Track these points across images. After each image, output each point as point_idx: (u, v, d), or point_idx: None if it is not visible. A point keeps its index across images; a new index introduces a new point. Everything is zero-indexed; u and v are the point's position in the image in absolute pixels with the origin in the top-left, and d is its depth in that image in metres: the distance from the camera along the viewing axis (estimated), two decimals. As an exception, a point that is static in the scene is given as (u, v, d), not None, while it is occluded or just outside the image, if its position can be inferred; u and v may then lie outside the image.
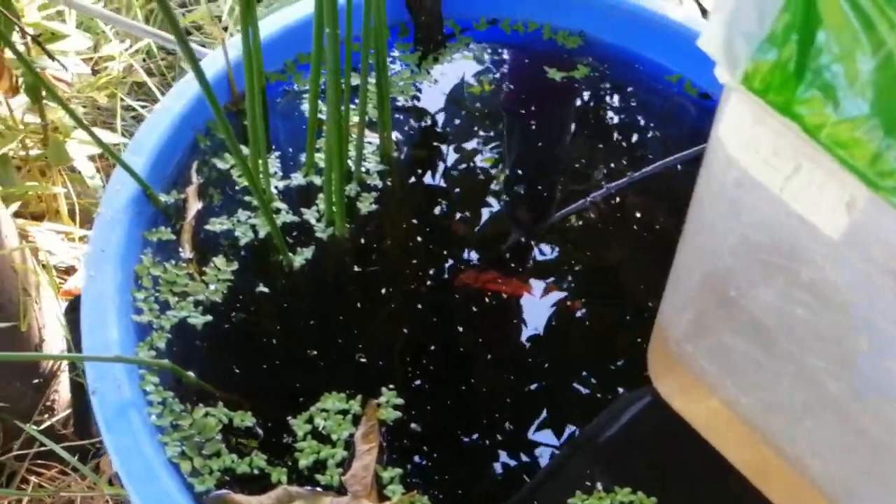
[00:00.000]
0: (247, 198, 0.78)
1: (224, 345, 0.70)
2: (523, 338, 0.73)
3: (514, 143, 0.86)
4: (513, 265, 0.77)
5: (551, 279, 0.76)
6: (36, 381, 1.09)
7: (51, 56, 0.90)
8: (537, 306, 0.75)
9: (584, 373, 0.71)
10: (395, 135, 0.84)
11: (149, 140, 0.75)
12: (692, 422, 0.60)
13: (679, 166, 0.86)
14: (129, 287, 0.69)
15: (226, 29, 1.48)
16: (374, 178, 0.80)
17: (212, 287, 0.72)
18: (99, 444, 1.15)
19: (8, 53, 0.99)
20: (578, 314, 0.74)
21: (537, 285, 0.76)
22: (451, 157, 0.85)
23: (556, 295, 0.75)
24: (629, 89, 0.92)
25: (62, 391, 1.14)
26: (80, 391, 1.15)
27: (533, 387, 0.70)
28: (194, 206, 0.76)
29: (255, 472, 0.63)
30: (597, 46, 0.93)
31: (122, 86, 1.34)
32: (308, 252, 0.75)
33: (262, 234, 0.75)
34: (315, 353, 0.70)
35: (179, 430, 0.64)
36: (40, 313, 1.07)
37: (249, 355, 0.70)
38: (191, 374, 0.66)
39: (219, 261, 0.73)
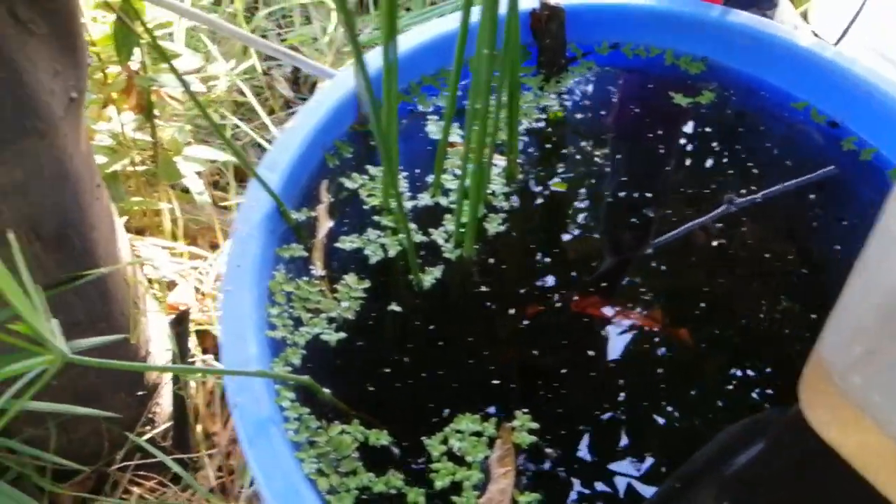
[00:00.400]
0: (375, 217, 0.78)
1: (357, 362, 0.70)
2: (650, 365, 0.72)
3: (636, 167, 0.85)
4: (632, 291, 0.77)
5: (663, 305, 0.75)
6: (140, 393, 1.10)
7: (179, 76, 0.92)
8: (658, 336, 0.74)
9: (717, 402, 0.69)
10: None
11: (282, 158, 0.76)
12: (849, 456, 0.58)
13: (799, 194, 0.84)
14: (263, 303, 0.70)
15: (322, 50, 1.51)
16: (500, 200, 0.80)
17: (344, 304, 0.72)
18: (196, 457, 1.16)
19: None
20: (698, 342, 0.73)
21: (647, 310, 0.75)
22: (574, 180, 0.84)
23: (672, 322, 0.75)
24: (753, 115, 0.90)
25: (163, 404, 1.16)
26: (181, 404, 1.16)
27: (663, 414, 0.69)
28: (325, 224, 0.76)
29: (392, 491, 0.63)
30: (720, 72, 0.92)
31: (224, 104, 1.36)
32: (437, 272, 0.75)
33: (391, 253, 0.76)
34: (447, 373, 0.70)
35: (316, 447, 0.64)
36: (146, 326, 1.09)
37: (383, 373, 0.70)
38: (326, 390, 0.67)
39: (350, 279, 0.74)
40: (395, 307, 0.73)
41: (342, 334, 0.70)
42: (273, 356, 0.68)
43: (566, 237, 0.80)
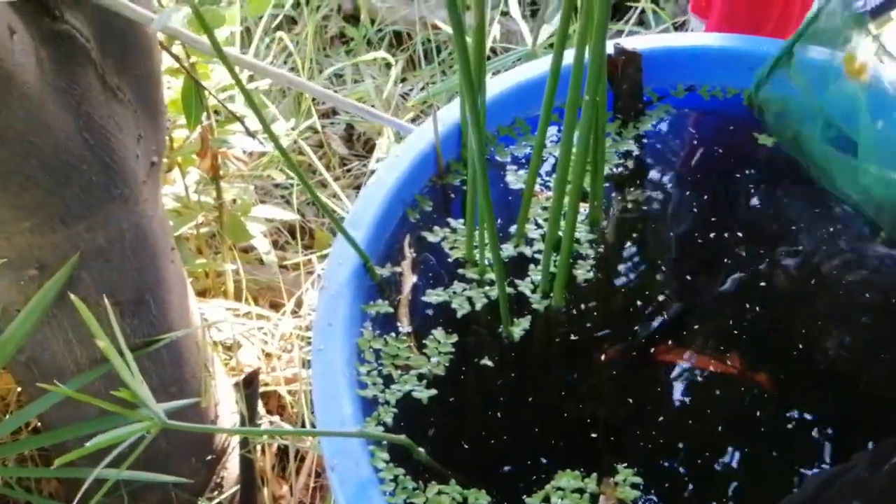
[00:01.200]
0: (460, 270, 0.77)
1: (450, 419, 0.69)
2: (733, 411, 0.70)
3: (719, 208, 0.84)
4: (713, 335, 0.75)
5: (741, 349, 0.74)
6: (209, 458, 1.09)
7: (252, 135, 0.93)
8: (736, 383, 0.72)
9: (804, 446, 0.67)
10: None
11: (365, 214, 0.75)
12: None
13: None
14: (354, 361, 0.69)
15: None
16: (585, 247, 0.79)
17: (433, 360, 0.71)
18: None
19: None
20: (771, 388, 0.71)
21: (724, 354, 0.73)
22: (657, 224, 0.83)
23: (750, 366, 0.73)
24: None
25: (231, 468, 1.14)
26: (249, 468, 1.15)
27: (753, 458, 0.67)
28: (409, 279, 0.75)
29: (499, 555, 0.61)
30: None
31: (282, 163, 1.37)
32: (525, 323, 0.73)
33: (478, 305, 0.74)
34: (542, 427, 0.68)
35: None
36: (215, 389, 1.08)
37: (477, 430, 0.68)
38: (422, 450, 0.65)
39: (438, 333, 0.72)
40: (485, 361, 0.71)
41: (433, 391, 0.69)
42: (365, 415, 0.67)
43: (652, 282, 0.78)
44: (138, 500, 1.03)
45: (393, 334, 0.72)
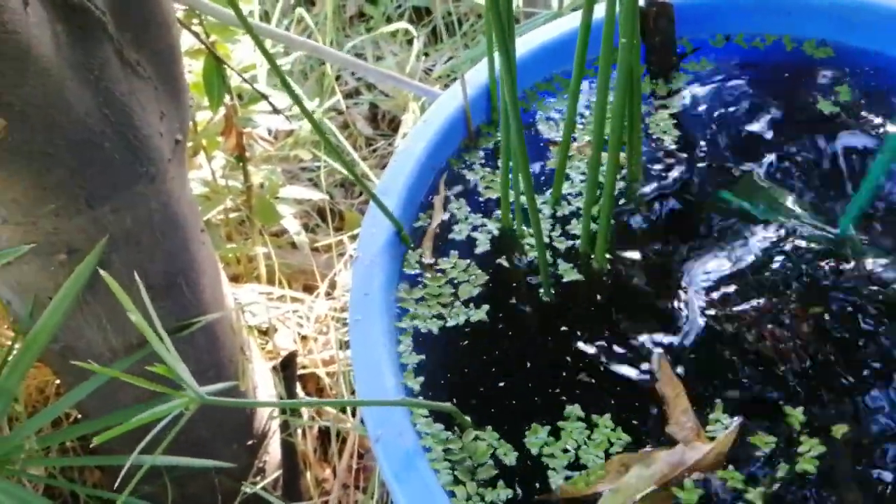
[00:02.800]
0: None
1: (491, 381, 0.66)
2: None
3: (762, 161, 0.81)
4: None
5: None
6: (250, 442, 1.08)
7: (279, 112, 0.91)
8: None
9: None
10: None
11: (396, 182, 0.73)
12: None
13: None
14: (394, 330, 0.67)
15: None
16: (623, 204, 0.76)
17: (472, 316, 0.69)
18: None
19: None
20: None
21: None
22: (694, 181, 0.80)
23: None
24: (884, 94, 0.84)
25: (272, 452, 1.13)
26: (291, 451, 1.14)
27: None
28: (439, 214, 0.74)
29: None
30: (847, 54, 0.86)
31: (309, 144, 1.35)
32: (565, 283, 0.71)
33: (519, 264, 0.72)
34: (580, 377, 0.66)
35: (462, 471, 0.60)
36: (252, 373, 1.06)
37: (516, 390, 0.66)
38: (468, 418, 0.63)
39: (472, 288, 0.71)
40: (521, 324, 0.69)
41: (475, 350, 0.67)
42: (407, 382, 0.65)
43: (693, 243, 0.75)
44: (182, 489, 1.02)
45: (431, 302, 0.70)
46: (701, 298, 0.70)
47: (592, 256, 0.72)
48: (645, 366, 0.66)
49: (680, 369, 0.65)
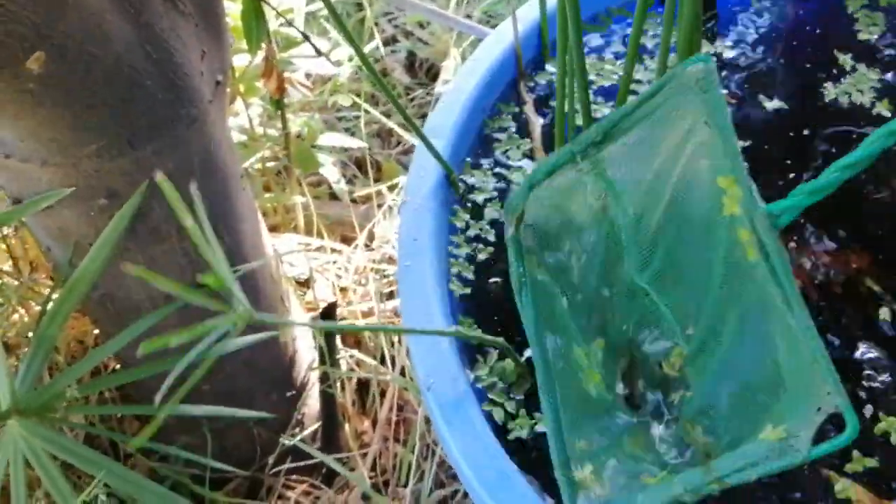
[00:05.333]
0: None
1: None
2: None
3: (819, 100, 0.77)
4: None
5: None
6: (289, 393, 1.07)
7: (322, 54, 0.88)
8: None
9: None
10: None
11: (445, 124, 0.70)
12: None
13: None
14: (445, 276, 0.64)
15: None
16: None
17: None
18: (346, 457, 1.12)
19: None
20: None
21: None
22: (752, 129, 0.76)
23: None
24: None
25: (311, 405, 1.12)
26: (330, 403, 1.13)
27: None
28: (537, 123, 0.72)
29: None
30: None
31: (346, 93, 1.32)
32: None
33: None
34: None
35: (517, 430, 0.58)
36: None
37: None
38: (520, 358, 0.60)
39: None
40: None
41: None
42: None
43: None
44: (221, 440, 1.01)
45: (478, 244, 0.67)
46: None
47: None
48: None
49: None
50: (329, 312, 1.04)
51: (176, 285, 0.38)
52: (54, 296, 0.87)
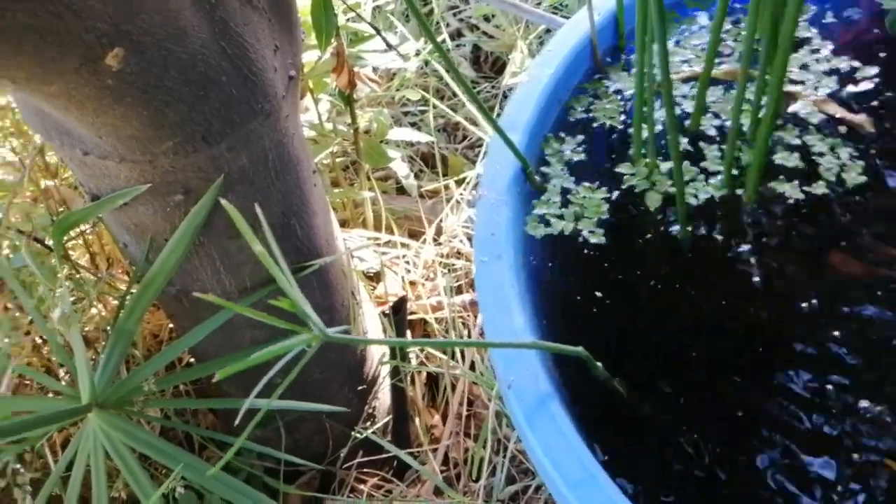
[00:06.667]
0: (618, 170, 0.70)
1: (629, 330, 0.62)
2: None
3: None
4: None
5: None
6: (360, 388, 1.07)
7: (392, 48, 0.87)
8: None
9: None
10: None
11: (521, 116, 0.69)
12: None
13: None
14: (523, 271, 0.63)
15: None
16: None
17: (601, 256, 0.64)
18: (417, 453, 1.12)
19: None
20: None
21: None
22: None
23: None
24: None
25: (382, 399, 1.12)
26: (401, 398, 1.12)
27: None
28: None
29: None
30: None
31: (414, 87, 1.32)
32: (705, 221, 0.66)
33: (650, 203, 0.67)
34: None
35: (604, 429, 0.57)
36: (363, 318, 1.05)
37: (648, 339, 0.62)
38: (599, 364, 0.59)
39: (602, 227, 0.66)
40: (658, 260, 0.64)
41: (612, 299, 0.63)
42: (539, 325, 0.61)
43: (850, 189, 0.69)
44: (293, 432, 1.02)
45: (560, 239, 0.66)
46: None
47: (739, 191, 0.66)
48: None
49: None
50: (399, 307, 1.04)
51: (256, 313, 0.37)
52: (131, 291, 0.88)
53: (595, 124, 0.73)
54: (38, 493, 0.83)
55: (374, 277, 1.21)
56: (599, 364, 0.59)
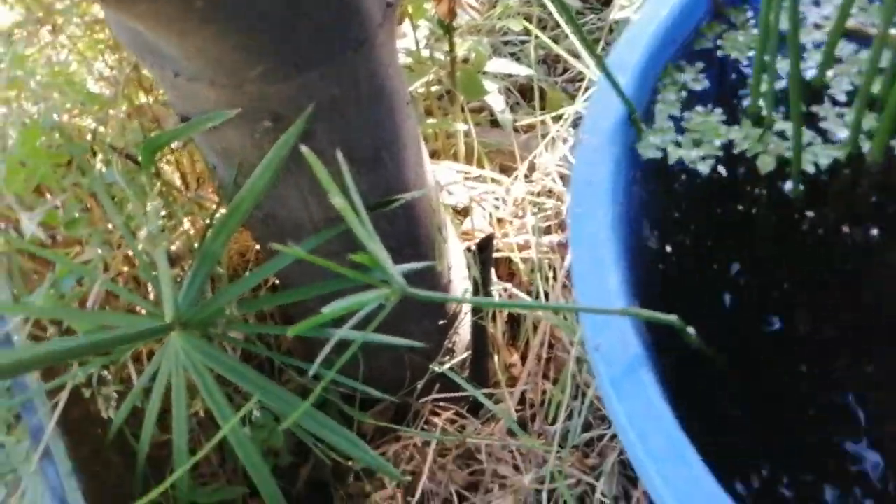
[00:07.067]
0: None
1: (724, 292, 0.58)
2: None
3: None
4: None
5: None
6: (441, 322, 1.06)
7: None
8: None
9: None
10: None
11: (630, 56, 0.64)
12: None
13: None
14: (621, 225, 0.59)
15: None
16: None
17: (710, 214, 0.60)
18: (494, 390, 1.11)
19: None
20: None
21: None
22: None
23: None
24: None
25: (462, 333, 1.11)
26: (481, 334, 1.11)
27: None
28: None
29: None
30: None
31: (515, 16, 1.26)
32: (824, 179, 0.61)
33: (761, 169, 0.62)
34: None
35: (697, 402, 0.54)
36: (448, 253, 1.03)
37: (762, 307, 0.58)
38: (691, 331, 0.55)
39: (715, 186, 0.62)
40: (768, 225, 0.60)
41: (711, 252, 0.59)
42: (635, 286, 0.58)
43: None
44: (371, 360, 1.01)
45: (665, 192, 0.62)
46: None
47: (865, 150, 0.61)
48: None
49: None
50: (485, 245, 1.01)
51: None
52: (220, 212, 0.88)
53: (709, 71, 0.68)
54: (121, 404, 0.85)
55: (462, 212, 1.18)
56: (693, 332, 0.55)
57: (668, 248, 0.60)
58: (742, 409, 0.54)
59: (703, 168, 0.63)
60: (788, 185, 0.61)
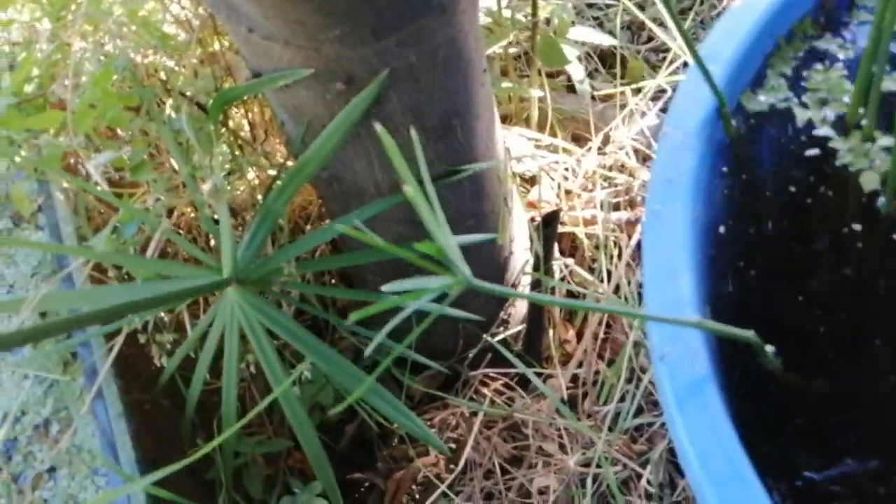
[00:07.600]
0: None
1: (808, 311, 0.55)
2: None
3: None
4: None
5: None
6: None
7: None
8: None
9: None
10: None
11: (726, 46, 0.60)
12: None
13: None
14: (700, 228, 0.56)
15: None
16: None
17: (790, 226, 0.57)
18: (546, 366, 1.09)
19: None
20: None
21: None
22: None
23: None
24: None
25: (518, 306, 1.09)
26: (538, 308, 1.08)
27: None
28: None
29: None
30: None
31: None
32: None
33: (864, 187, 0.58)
34: None
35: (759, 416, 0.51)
36: (511, 225, 1.00)
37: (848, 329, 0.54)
38: (770, 348, 0.52)
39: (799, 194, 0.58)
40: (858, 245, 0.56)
41: (792, 267, 0.56)
42: (709, 296, 0.55)
43: None
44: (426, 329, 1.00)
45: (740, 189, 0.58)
46: None
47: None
48: None
49: None
50: (550, 221, 0.98)
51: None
52: (286, 167, 0.86)
53: (810, 68, 0.63)
54: (174, 353, 0.85)
55: (529, 181, 1.15)
56: (773, 351, 0.52)
57: (749, 258, 0.57)
58: (811, 436, 0.51)
59: (797, 173, 0.59)
60: (881, 201, 0.57)
